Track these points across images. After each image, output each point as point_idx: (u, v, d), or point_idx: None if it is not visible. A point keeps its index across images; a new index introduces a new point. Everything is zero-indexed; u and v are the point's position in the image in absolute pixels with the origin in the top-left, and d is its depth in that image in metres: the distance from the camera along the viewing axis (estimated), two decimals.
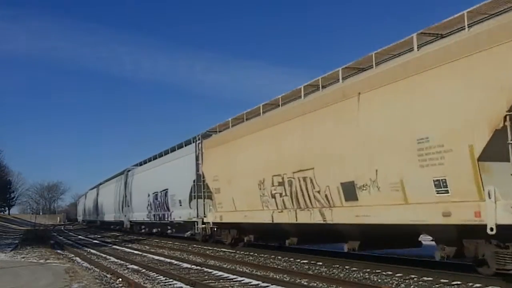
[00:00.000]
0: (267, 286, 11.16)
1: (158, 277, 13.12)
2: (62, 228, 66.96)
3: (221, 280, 12.24)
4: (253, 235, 18.54)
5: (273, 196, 15.03)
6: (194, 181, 22.48)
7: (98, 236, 40.49)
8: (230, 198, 18.13)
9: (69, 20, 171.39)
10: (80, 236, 41.82)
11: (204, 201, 21.40)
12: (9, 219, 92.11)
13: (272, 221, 15.27)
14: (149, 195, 31.65)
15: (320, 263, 14.77)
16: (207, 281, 11.91)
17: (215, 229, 20.73)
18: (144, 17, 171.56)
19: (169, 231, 30.23)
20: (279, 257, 16.91)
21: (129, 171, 39.35)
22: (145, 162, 35.65)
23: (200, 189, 21.70)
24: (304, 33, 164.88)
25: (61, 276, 12.90)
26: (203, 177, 21.15)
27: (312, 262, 15.15)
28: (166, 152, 29.79)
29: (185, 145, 25.49)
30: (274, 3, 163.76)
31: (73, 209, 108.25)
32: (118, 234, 40.57)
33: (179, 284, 11.76)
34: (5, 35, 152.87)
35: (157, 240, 30.20)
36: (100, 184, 56.41)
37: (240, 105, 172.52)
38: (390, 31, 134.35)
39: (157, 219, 30.33)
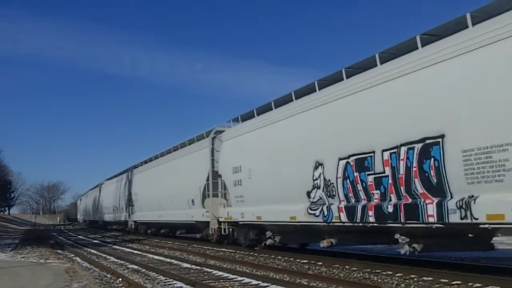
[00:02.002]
0: (267, 286, 11.15)
1: (158, 277, 13.11)
2: (62, 228, 66.97)
3: (221, 280, 12.24)
4: None
5: None
6: None
7: (98, 236, 40.46)
8: None
9: (68, 20, 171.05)
10: (80, 236, 41.80)
11: None
12: (9, 219, 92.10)
13: None
14: (319, 166, 13.59)
15: (320, 263, 14.77)
16: (207, 281, 11.90)
17: None
18: (143, 16, 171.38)
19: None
20: (279, 257, 16.89)
21: (217, 132, 21.54)
22: (267, 108, 17.50)
23: None
24: (304, 33, 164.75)
25: (61, 276, 12.90)
26: None
27: (312, 262, 15.15)
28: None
29: None
30: (274, 3, 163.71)
31: (73, 209, 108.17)
32: (118, 234, 40.53)
33: (179, 284, 11.75)
34: (4, 35, 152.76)
35: (157, 240, 30.16)
36: (135, 167, 37.88)
37: (240, 105, 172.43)
38: (390, 31, 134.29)
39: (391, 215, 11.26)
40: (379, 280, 11.48)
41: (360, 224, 12.15)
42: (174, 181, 26.74)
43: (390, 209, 11.00)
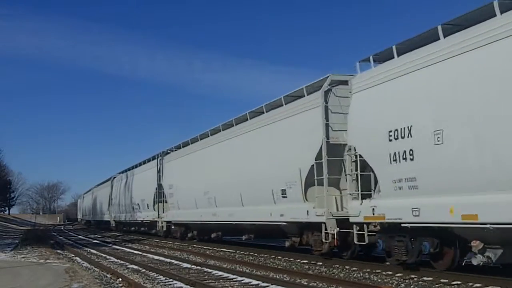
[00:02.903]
0: (267, 286, 11.15)
1: (158, 277, 13.11)
2: (62, 228, 67.02)
3: (221, 280, 12.24)
4: None
5: None
6: None
7: (98, 236, 40.48)
8: None
9: (67, 20, 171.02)
10: (80, 236, 41.84)
11: None
12: (9, 219, 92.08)
13: None
14: None
15: (320, 263, 14.76)
16: (207, 281, 11.91)
17: None
18: (142, 16, 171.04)
19: None
20: (279, 257, 16.89)
21: (334, 82, 14.16)
22: (473, 20, 9.68)
23: None
24: (304, 33, 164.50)
25: (61, 276, 12.89)
26: None
27: (312, 262, 15.14)
28: None
29: None
30: (274, 3, 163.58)
31: (73, 209, 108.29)
32: (118, 234, 40.50)
33: (179, 284, 11.76)
34: (4, 35, 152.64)
35: (157, 240, 30.15)
36: (166, 153, 29.85)
37: (240, 105, 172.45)
38: (390, 31, 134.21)
39: None
40: (379, 280, 11.48)
41: None
42: (242, 166, 18.87)
43: None
